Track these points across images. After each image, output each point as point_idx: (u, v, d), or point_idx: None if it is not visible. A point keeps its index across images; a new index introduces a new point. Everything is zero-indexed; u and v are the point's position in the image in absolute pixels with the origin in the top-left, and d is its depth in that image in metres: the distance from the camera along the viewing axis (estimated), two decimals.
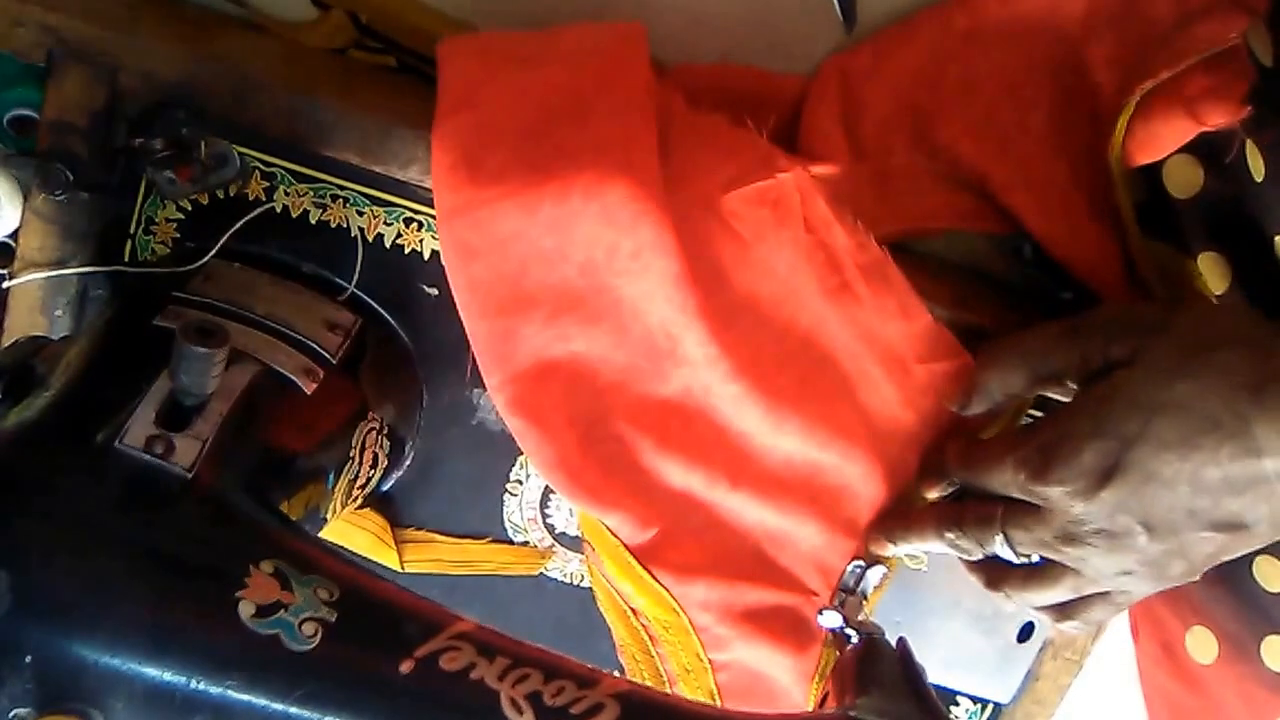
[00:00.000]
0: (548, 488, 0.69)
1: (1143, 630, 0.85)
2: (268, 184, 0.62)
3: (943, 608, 0.71)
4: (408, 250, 0.64)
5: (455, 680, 0.47)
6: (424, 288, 0.65)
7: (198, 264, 0.61)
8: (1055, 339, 0.61)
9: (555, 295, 0.60)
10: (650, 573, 0.65)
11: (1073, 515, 0.57)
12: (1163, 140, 0.64)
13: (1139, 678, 0.86)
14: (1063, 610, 0.64)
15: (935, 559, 0.70)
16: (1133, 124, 0.63)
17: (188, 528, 0.49)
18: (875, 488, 0.67)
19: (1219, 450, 0.54)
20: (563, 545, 0.71)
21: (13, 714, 0.44)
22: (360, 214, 0.63)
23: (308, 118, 0.60)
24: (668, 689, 0.67)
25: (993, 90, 0.66)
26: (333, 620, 0.47)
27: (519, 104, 0.59)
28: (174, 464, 0.49)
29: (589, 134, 0.58)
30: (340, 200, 0.62)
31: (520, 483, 0.69)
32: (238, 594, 0.46)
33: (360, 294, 0.64)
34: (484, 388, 0.64)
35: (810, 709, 0.68)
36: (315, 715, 0.46)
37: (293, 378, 0.58)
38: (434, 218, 0.62)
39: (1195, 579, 0.76)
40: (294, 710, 0.46)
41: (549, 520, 0.71)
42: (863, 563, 0.68)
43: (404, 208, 0.63)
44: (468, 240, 0.58)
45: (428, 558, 0.71)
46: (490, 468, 0.69)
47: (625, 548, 0.65)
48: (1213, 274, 0.65)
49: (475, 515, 0.70)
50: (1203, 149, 0.64)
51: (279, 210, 0.62)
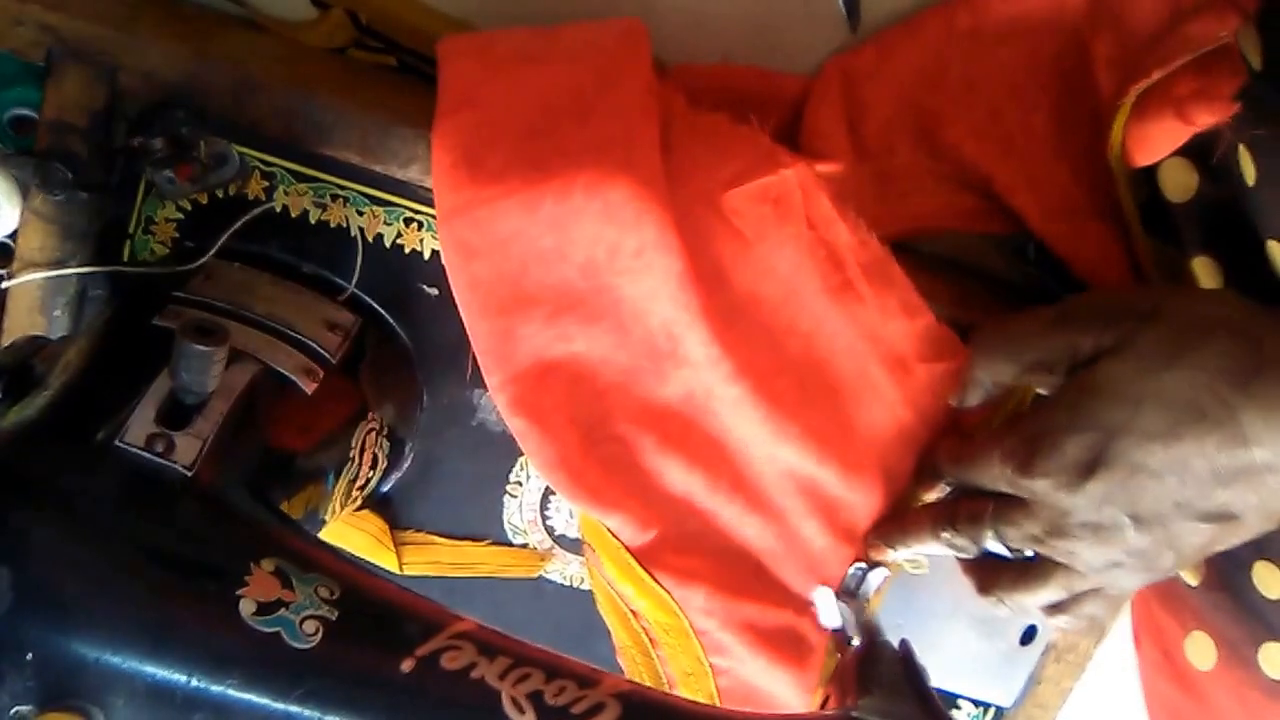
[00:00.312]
0: (548, 489, 0.69)
1: (1143, 635, 0.84)
2: (267, 183, 0.62)
3: (945, 611, 0.71)
4: (408, 250, 0.64)
5: (456, 679, 0.47)
6: (424, 288, 0.64)
7: (197, 264, 0.61)
8: (1044, 326, 0.60)
9: (556, 295, 0.60)
10: (651, 575, 0.65)
11: (1060, 508, 0.57)
12: (1158, 142, 0.64)
13: (1140, 683, 0.86)
14: (1056, 606, 0.64)
15: (937, 562, 0.70)
16: (1129, 126, 0.64)
17: (188, 526, 0.49)
18: (875, 493, 0.66)
19: (1206, 440, 0.53)
20: (562, 548, 0.71)
21: (13, 711, 0.44)
22: (360, 214, 0.63)
23: (307, 117, 0.60)
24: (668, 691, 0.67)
25: (995, 91, 0.66)
26: (334, 618, 0.47)
27: (519, 103, 0.59)
28: (174, 462, 0.49)
29: (590, 132, 0.58)
30: (340, 200, 0.62)
31: (520, 484, 0.69)
32: (239, 592, 0.46)
33: (360, 294, 0.64)
34: (484, 388, 0.64)
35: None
36: (316, 713, 0.45)
37: (293, 377, 0.58)
38: (434, 217, 0.62)
39: (1187, 571, 0.76)
40: (295, 708, 0.45)
41: (549, 522, 0.70)
42: (864, 565, 0.67)
43: (404, 207, 0.63)
44: (468, 240, 0.58)
45: (427, 560, 0.70)
46: (490, 469, 0.69)
47: (626, 549, 0.64)
48: (1206, 278, 0.65)
49: (475, 517, 0.70)
50: (1197, 152, 0.64)
51: (279, 210, 0.62)
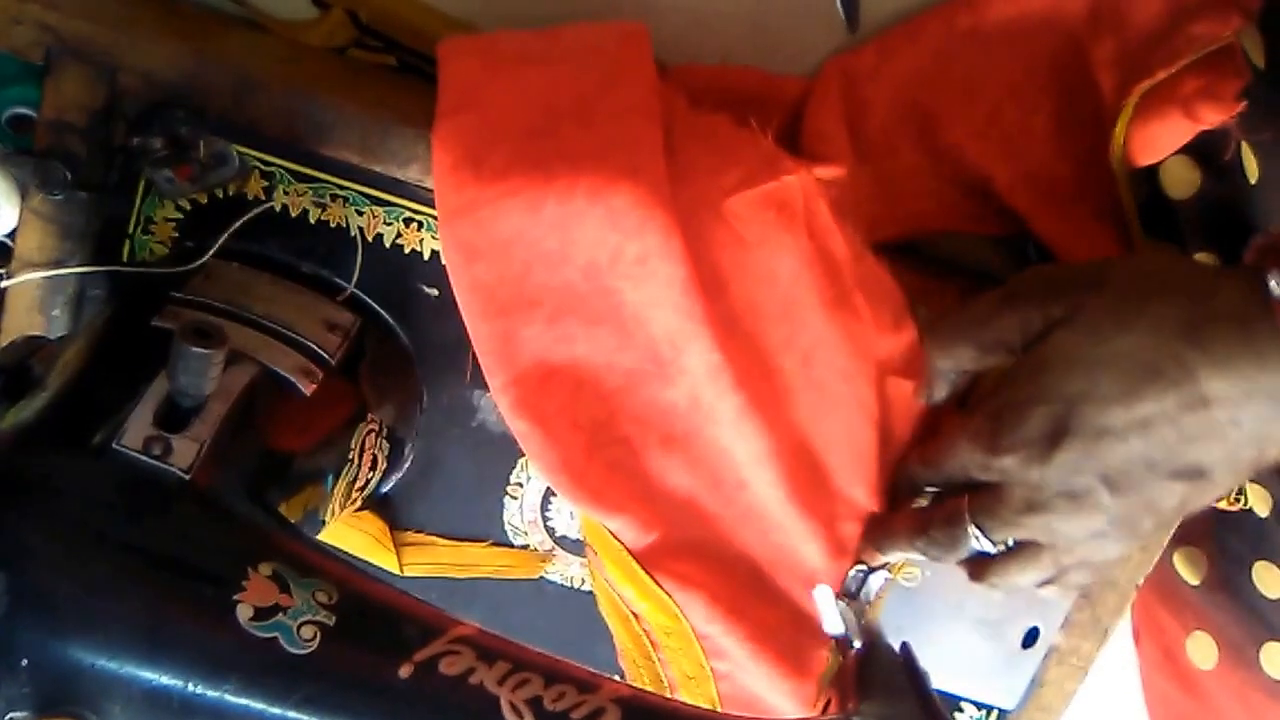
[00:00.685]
0: (548, 490, 0.69)
1: (1145, 636, 0.85)
2: (267, 183, 0.62)
3: (947, 614, 0.71)
4: (407, 250, 0.63)
5: (455, 685, 0.47)
6: (424, 288, 0.64)
7: (196, 264, 0.60)
8: (993, 306, 0.60)
9: (558, 296, 0.60)
10: (653, 578, 0.65)
11: (1032, 482, 0.57)
12: (1162, 140, 0.64)
13: (1141, 684, 0.86)
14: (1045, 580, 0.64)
15: (937, 565, 0.70)
16: (1132, 125, 0.63)
17: (185, 529, 0.48)
18: (868, 508, 0.66)
19: (1165, 398, 0.54)
20: (563, 549, 0.71)
21: (9, 717, 0.43)
22: (360, 213, 0.62)
23: (307, 117, 0.60)
24: (669, 695, 0.67)
25: (996, 91, 0.66)
26: (331, 623, 0.47)
27: (521, 104, 0.58)
28: (172, 465, 0.49)
29: (594, 136, 0.58)
30: (340, 200, 0.62)
31: (521, 485, 0.69)
32: (236, 596, 0.46)
33: (360, 294, 0.64)
34: (484, 388, 0.64)
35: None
36: (313, 719, 0.45)
37: (291, 379, 0.58)
38: (434, 217, 0.62)
39: (1188, 570, 0.76)
40: (292, 714, 0.45)
41: (550, 523, 0.70)
42: (865, 568, 0.67)
43: (404, 207, 0.62)
44: (470, 240, 0.58)
45: (427, 560, 0.70)
46: (490, 470, 0.69)
47: (628, 552, 0.64)
48: None
49: (475, 518, 0.70)
50: (1200, 150, 0.64)
51: (278, 210, 0.62)
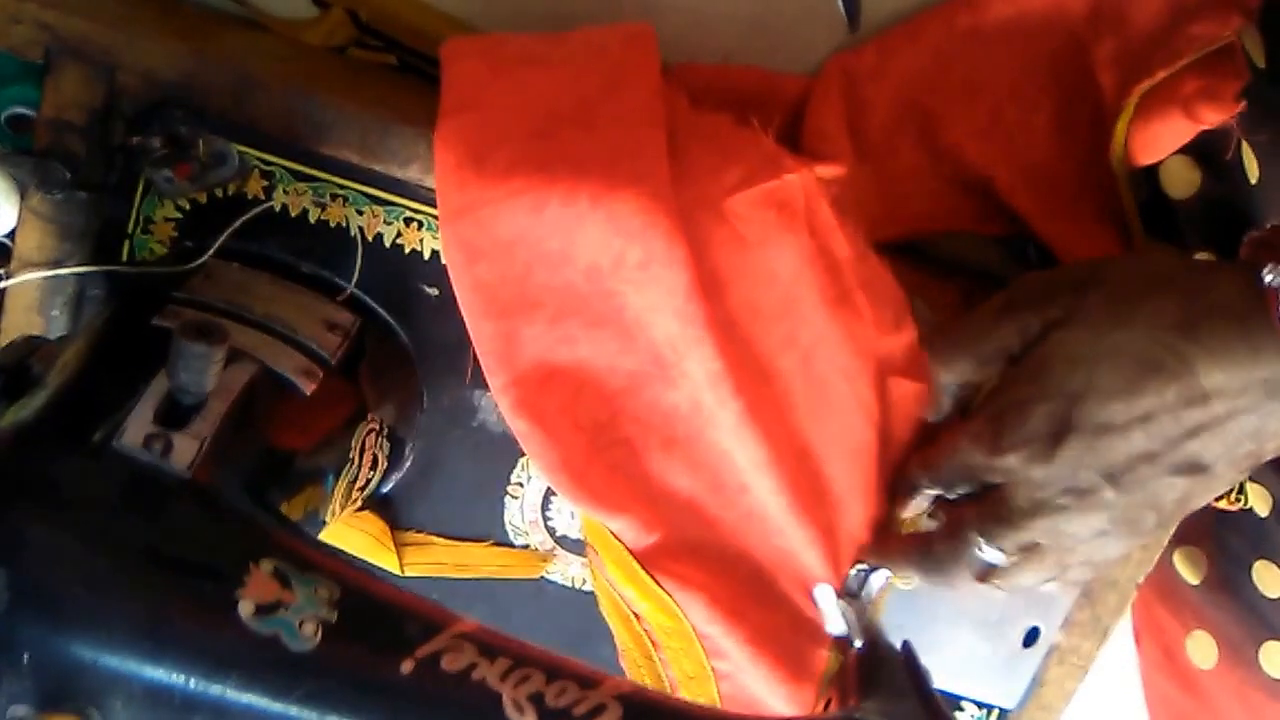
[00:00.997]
0: (549, 490, 0.69)
1: (1144, 635, 0.85)
2: (266, 183, 0.62)
3: (947, 613, 0.71)
4: (407, 250, 0.63)
5: (457, 681, 0.47)
6: (424, 287, 0.64)
7: (196, 263, 0.60)
8: (991, 316, 0.61)
9: (560, 297, 0.60)
10: (654, 578, 0.64)
11: (1035, 481, 0.57)
12: (1162, 140, 0.64)
13: (1141, 683, 0.86)
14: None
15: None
16: (1133, 124, 0.64)
17: (186, 526, 0.48)
18: (868, 513, 0.66)
19: (1165, 391, 0.54)
20: (564, 548, 0.71)
21: (11, 712, 0.43)
22: (360, 213, 0.62)
23: (307, 116, 0.60)
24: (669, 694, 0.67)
25: (997, 91, 0.66)
26: (333, 620, 0.47)
27: (525, 105, 0.58)
28: (172, 463, 0.49)
29: (598, 139, 0.57)
30: (340, 199, 0.62)
31: (521, 485, 0.69)
32: (237, 593, 0.46)
33: (360, 294, 0.64)
34: (485, 388, 0.64)
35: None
36: (315, 715, 0.45)
37: (291, 378, 0.57)
38: (434, 217, 0.62)
39: (1188, 569, 0.76)
40: (294, 710, 0.45)
41: (550, 523, 0.70)
42: (866, 567, 0.67)
43: (404, 207, 0.62)
44: (472, 240, 0.58)
45: (427, 560, 0.70)
46: (491, 470, 0.69)
47: (629, 552, 0.64)
48: None
49: (476, 518, 0.70)
50: (1200, 150, 0.64)
51: (278, 209, 0.62)
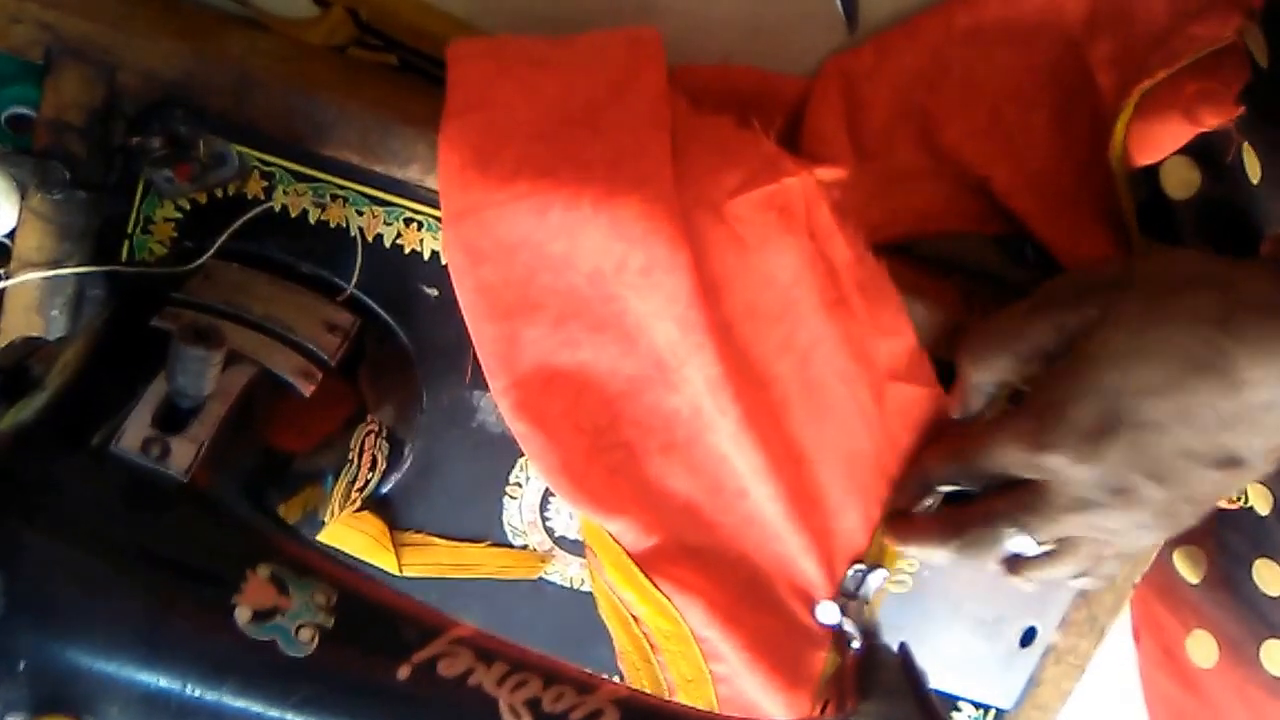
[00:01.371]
0: (547, 490, 0.69)
1: (1144, 634, 0.85)
2: (266, 183, 0.62)
3: (944, 613, 0.71)
4: (407, 250, 0.63)
5: (453, 686, 0.47)
6: (424, 288, 0.64)
7: (195, 264, 0.60)
8: (1026, 315, 0.61)
9: (562, 300, 0.60)
10: (652, 581, 0.65)
11: (1079, 479, 0.57)
12: (1161, 141, 0.64)
13: (1140, 682, 0.86)
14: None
15: (935, 564, 0.70)
16: (1132, 125, 0.63)
17: (184, 531, 0.48)
18: (865, 518, 0.66)
19: (1203, 387, 0.54)
20: (563, 549, 0.71)
21: (6, 719, 0.43)
22: (360, 213, 0.62)
23: (307, 116, 0.60)
24: (667, 697, 0.67)
25: (995, 91, 0.66)
26: (330, 625, 0.47)
27: (531, 107, 0.58)
28: (170, 467, 0.49)
29: (602, 143, 0.57)
30: (339, 200, 0.62)
31: (520, 485, 0.69)
32: (234, 599, 0.46)
33: (360, 294, 0.64)
34: (484, 389, 0.64)
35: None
36: None
37: (290, 380, 0.58)
38: (434, 218, 0.62)
39: (1188, 569, 0.76)
40: (290, 716, 0.45)
41: (549, 524, 0.70)
42: (864, 567, 0.67)
43: (404, 207, 0.62)
44: (475, 242, 0.58)
45: (426, 561, 0.70)
46: (490, 470, 0.69)
47: (628, 555, 0.64)
48: None
49: (474, 518, 0.70)
50: (1200, 150, 0.64)
51: (278, 210, 0.62)
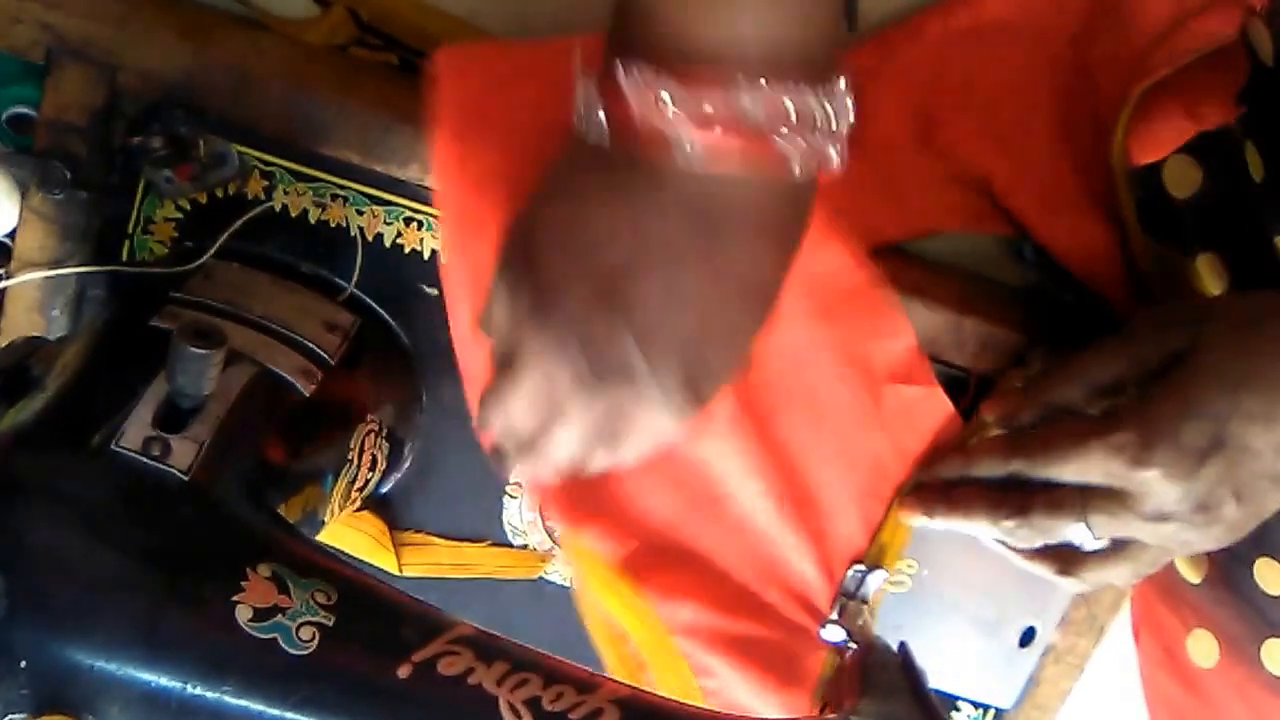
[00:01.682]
0: None
1: (1144, 634, 0.84)
2: (267, 183, 0.62)
3: (944, 613, 0.71)
4: (407, 250, 0.63)
5: (453, 685, 0.47)
6: (424, 287, 0.64)
7: (196, 264, 0.60)
8: (1110, 350, 0.62)
9: None
10: (635, 591, 0.65)
11: (1172, 495, 0.58)
12: (1162, 139, 0.64)
13: (1140, 682, 0.86)
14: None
15: (934, 564, 0.70)
16: (1133, 123, 0.63)
17: (184, 530, 0.48)
18: (860, 520, 0.66)
19: None
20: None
21: (8, 718, 0.43)
22: (360, 213, 0.62)
23: (307, 116, 0.60)
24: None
25: (995, 90, 0.66)
26: (330, 624, 0.47)
27: (520, 113, 0.58)
28: (171, 466, 0.49)
29: None
30: (340, 199, 0.62)
31: (520, 485, 0.69)
32: (235, 597, 0.46)
33: (360, 294, 0.64)
34: None
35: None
36: None
37: (291, 379, 0.58)
38: (434, 217, 0.62)
39: (1189, 569, 0.76)
40: (291, 715, 0.45)
41: (549, 523, 0.70)
42: (863, 568, 0.67)
43: (404, 207, 0.62)
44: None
45: (426, 561, 0.70)
46: (490, 470, 0.68)
47: (609, 565, 0.64)
48: (1210, 276, 0.65)
49: (474, 518, 0.70)
50: (1202, 148, 0.64)
51: (278, 209, 0.62)
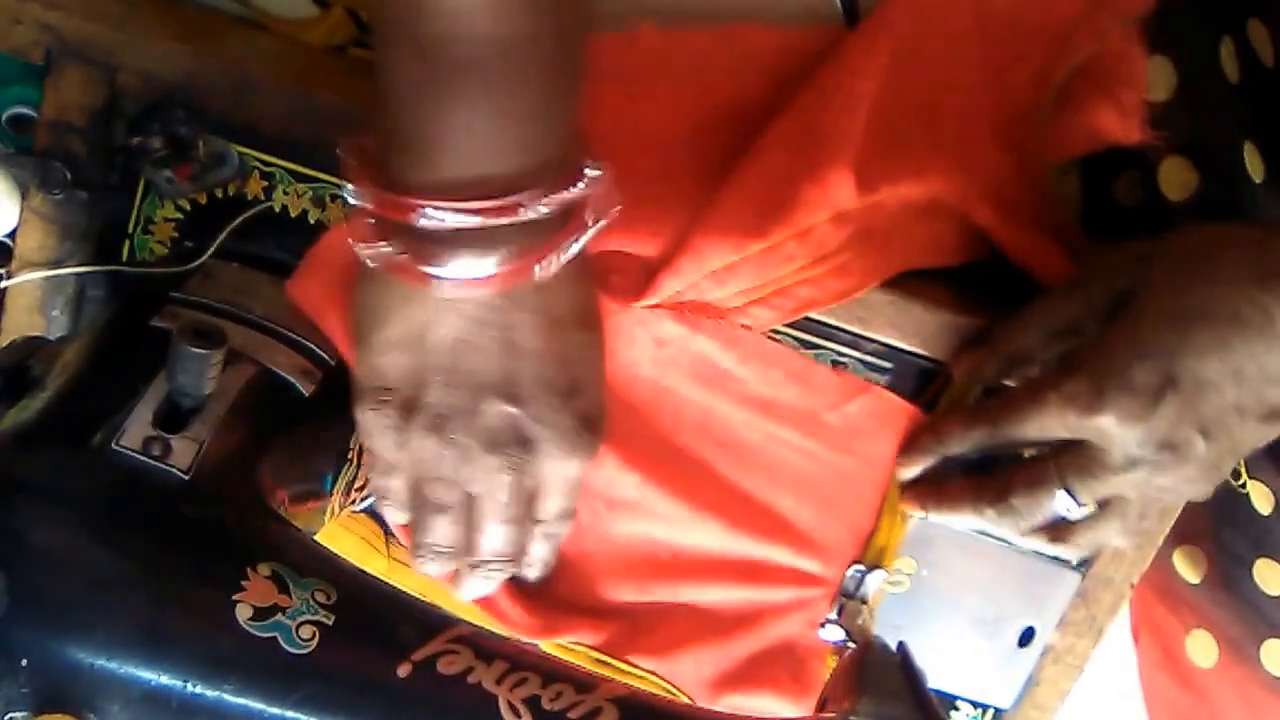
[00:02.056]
0: None
1: (1143, 634, 0.84)
2: (266, 183, 0.62)
3: (943, 613, 0.71)
4: None
5: (453, 684, 0.47)
6: None
7: (196, 264, 0.60)
8: (1062, 294, 0.62)
9: None
10: (628, 663, 0.65)
11: (1131, 438, 0.57)
12: (1093, 130, 0.63)
13: (1139, 682, 0.86)
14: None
15: (934, 563, 0.70)
16: (1061, 118, 0.63)
17: (184, 530, 0.49)
18: (845, 533, 0.67)
19: (1252, 344, 0.55)
20: None
21: (8, 717, 0.44)
22: None
23: (307, 116, 0.60)
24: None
25: (937, 106, 0.63)
26: (330, 623, 0.47)
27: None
28: (171, 466, 0.49)
29: None
30: (339, 200, 0.62)
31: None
32: (235, 596, 0.46)
33: None
34: None
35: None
36: (312, 719, 0.46)
37: (291, 379, 0.58)
38: None
39: (1188, 569, 0.76)
40: (291, 714, 0.46)
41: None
42: (862, 568, 0.67)
43: None
44: None
45: None
46: None
47: (595, 649, 0.64)
48: None
49: None
50: (1198, 150, 0.64)
51: (277, 210, 0.62)
